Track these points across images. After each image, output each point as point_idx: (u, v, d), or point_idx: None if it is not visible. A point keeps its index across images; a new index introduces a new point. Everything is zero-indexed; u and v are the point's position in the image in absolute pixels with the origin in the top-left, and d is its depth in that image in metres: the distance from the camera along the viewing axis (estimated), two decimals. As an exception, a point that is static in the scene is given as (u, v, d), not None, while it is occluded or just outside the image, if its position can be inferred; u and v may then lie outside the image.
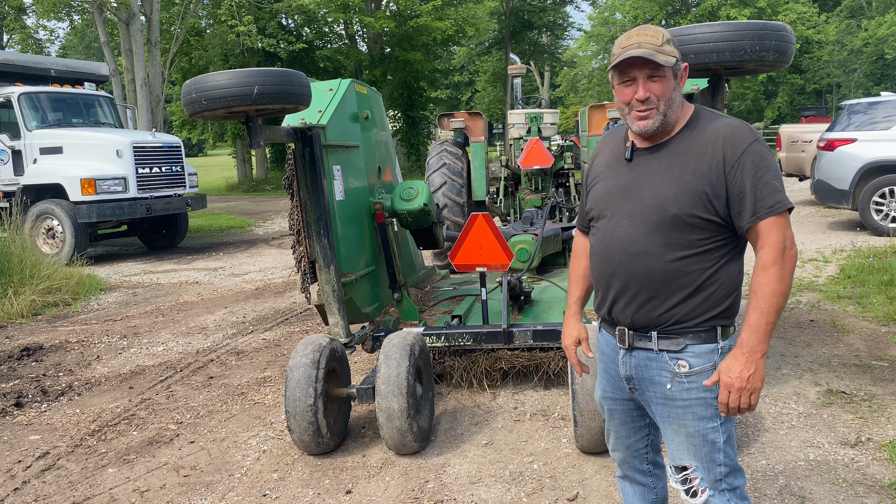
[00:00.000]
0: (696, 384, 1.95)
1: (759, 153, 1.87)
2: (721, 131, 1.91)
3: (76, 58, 33.63)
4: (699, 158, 1.90)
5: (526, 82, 43.03)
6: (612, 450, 2.33)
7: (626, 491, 2.37)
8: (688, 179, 1.90)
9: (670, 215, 1.90)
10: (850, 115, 10.19)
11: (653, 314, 1.97)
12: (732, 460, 2.01)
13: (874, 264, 7.33)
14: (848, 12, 36.95)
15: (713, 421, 1.96)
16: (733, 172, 1.87)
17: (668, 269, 1.93)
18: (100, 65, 14.01)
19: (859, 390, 4.21)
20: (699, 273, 1.92)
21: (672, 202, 1.90)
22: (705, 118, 1.98)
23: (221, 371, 5.28)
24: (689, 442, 1.99)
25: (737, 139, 1.88)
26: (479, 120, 7.95)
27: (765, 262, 1.85)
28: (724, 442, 1.98)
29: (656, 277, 1.94)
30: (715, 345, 1.95)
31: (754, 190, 1.85)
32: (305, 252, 4.02)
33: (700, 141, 1.92)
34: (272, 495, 3.33)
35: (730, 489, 2.01)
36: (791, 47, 2.96)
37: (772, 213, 1.84)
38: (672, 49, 1.92)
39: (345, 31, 29.16)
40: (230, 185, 28.48)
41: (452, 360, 4.53)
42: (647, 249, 1.94)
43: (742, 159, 1.86)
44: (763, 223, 1.85)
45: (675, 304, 1.94)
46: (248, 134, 3.38)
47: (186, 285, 8.83)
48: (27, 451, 3.98)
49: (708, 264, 1.92)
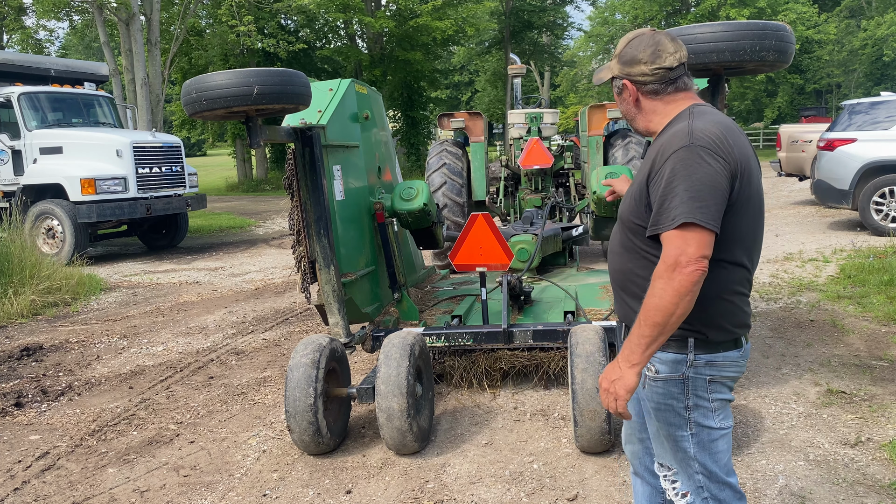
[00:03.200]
0: (664, 390, 1.95)
1: (682, 160, 1.78)
2: (665, 136, 1.88)
3: (76, 58, 33.65)
4: (644, 165, 1.95)
5: (526, 82, 43.05)
6: (626, 442, 2.33)
7: (636, 489, 2.38)
8: (633, 186, 1.98)
9: (621, 215, 2.02)
10: (850, 115, 10.19)
11: (625, 312, 2.05)
12: (712, 472, 1.97)
13: (874, 264, 7.33)
14: (848, 12, 36.95)
15: (682, 430, 1.95)
16: (655, 179, 1.83)
17: (624, 270, 2.02)
18: (100, 65, 14.01)
19: (859, 390, 4.21)
20: (647, 280, 1.85)
21: (623, 204, 2.02)
22: (676, 122, 1.93)
23: (221, 371, 5.28)
24: (666, 443, 2.01)
25: (668, 146, 1.83)
26: (479, 120, 7.96)
27: (654, 273, 1.78)
28: (696, 452, 1.96)
29: (620, 277, 2.05)
30: (684, 356, 1.91)
31: (662, 199, 1.78)
32: (305, 252, 4.02)
33: (654, 147, 1.92)
34: (272, 495, 3.33)
35: (713, 499, 1.98)
36: (791, 47, 2.96)
37: (671, 226, 1.75)
38: (613, 64, 2.00)
39: (345, 31, 29.16)
40: (230, 185, 28.49)
41: (452, 360, 4.54)
42: (615, 249, 2.06)
43: (664, 167, 1.80)
44: (663, 236, 1.78)
45: (635, 306, 1.94)
46: (248, 134, 3.38)
47: (186, 285, 8.83)
48: (27, 451, 3.98)
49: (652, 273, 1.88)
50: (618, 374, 1.83)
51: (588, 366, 3.42)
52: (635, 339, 1.80)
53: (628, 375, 1.81)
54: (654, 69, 1.95)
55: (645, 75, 1.96)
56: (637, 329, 1.80)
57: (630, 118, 2.07)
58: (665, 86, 1.97)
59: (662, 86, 1.97)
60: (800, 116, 29.48)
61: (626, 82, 1.99)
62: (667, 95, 1.98)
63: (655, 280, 1.77)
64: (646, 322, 1.77)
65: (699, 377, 1.92)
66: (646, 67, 1.95)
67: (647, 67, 1.95)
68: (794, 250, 8.82)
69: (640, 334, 1.79)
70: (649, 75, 1.95)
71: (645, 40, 1.97)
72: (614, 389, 1.83)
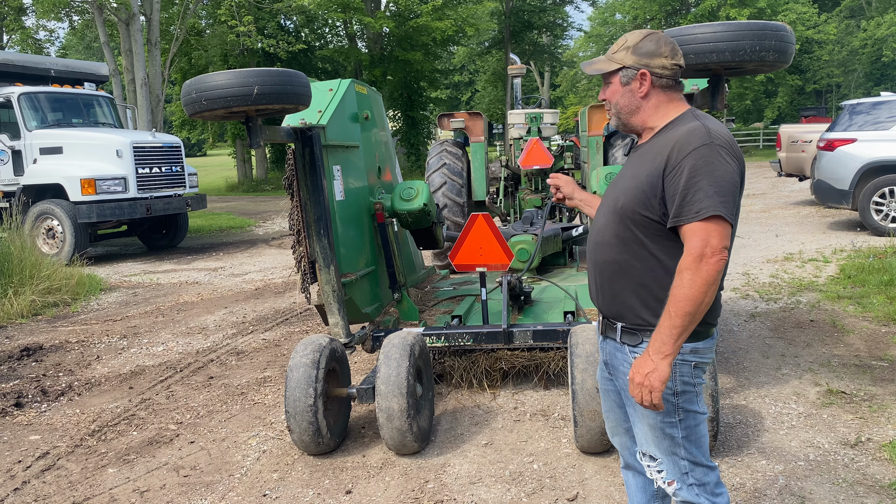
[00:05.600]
0: None
1: (703, 157, 1.87)
2: (678, 133, 1.96)
3: (76, 58, 33.65)
4: (654, 158, 1.98)
5: (526, 82, 43.04)
6: (612, 434, 2.36)
7: (629, 483, 2.41)
8: (641, 177, 1.99)
9: (619, 206, 2.03)
10: (850, 115, 10.20)
11: (612, 304, 2.08)
12: (697, 457, 2.05)
13: (874, 264, 7.33)
14: (847, 12, 36.97)
15: (670, 416, 2.02)
16: (672, 174, 1.90)
17: (618, 261, 2.03)
18: (100, 65, 14.01)
19: (859, 390, 4.21)
20: (647, 271, 1.98)
21: (622, 195, 2.03)
22: (683, 120, 2.01)
23: (221, 371, 5.28)
24: (651, 433, 2.06)
25: (686, 143, 1.91)
26: (479, 120, 7.95)
27: (680, 265, 1.86)
28: (683, 438, 2.03)
29: (610, 268, 2.06)
30: None
31: (685, 193, 1.87)
32: (305, 252, 4.02)
33: (662, 142, 1.99)
34: (272, 495, 3.33)
35: (698, 484, 2.06)
36: (791, 47, 2.96)
37: (696, 219, 1.84)
38: (624, 56, 2.04)
39: (344, 31, 29.17)
40: (230, 185, 28.49)
41: (452, 360, 4.53)
42: (606, 240, 2.07)
43: (683, 162, 1.88)
44: (686, 227, 1.87)
45: (628, 298, 2.03)
46: (248, 134, 3.38)
47: (186, 285, 8.83)
48: (27, 451, 3.98)
49: (654, 264, 1.98)
50: (651, 367, 1.88)
51: (588, 366, 3.42)
52: (666, 330, 1.86)
53: (662, 366, 1.87)
54: (673, 64, 2.04)
55: (665, 68, 2.04)
56: (667, 321, 1.85)
57: (629, 111, 2.10)
58: (675, 83, 2.08)
59: (674, 82, 2.07)
60: (800, 116, 29.50)
61: (646, 72, 2.04)
62: (672, 92, 2.08)
63: (682, 271, 1.85)
64: (676, 313, 1.84)
65: (685, 363, 2.01)
66: (666, 61, 2.03)
67: (667, 61, 2.03)
68: (794, 250, 8.82)
69: (671, 325, 1.85)
70: (668, 69, 2.04)
71: (662, 38, 2.07)
72: (649, 382, 1.88)
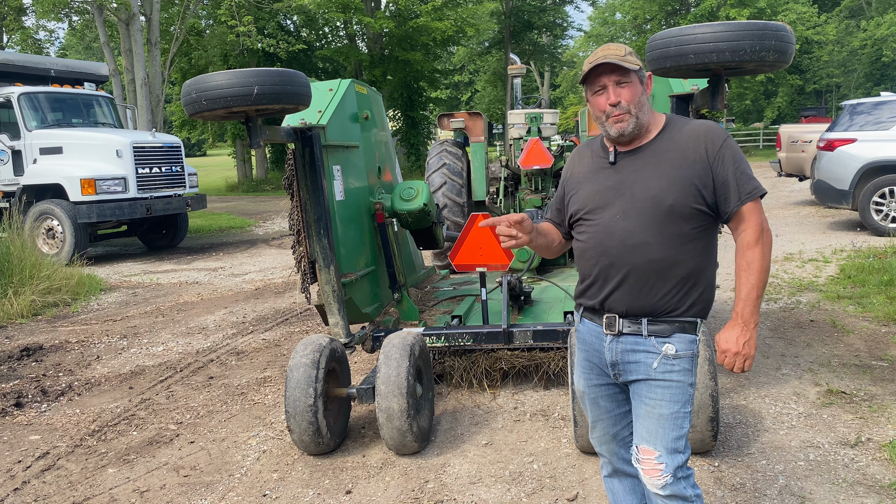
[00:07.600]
0: (679, 367, 2.10)
1: (732, 147, 2.11)
2: (699, 129, 2.13)
3: (76, 58, 33.64)
4: (683, 154, 2.10)
5: (526, 82, 43.03)
6: (599, 443, 2.38)
7: (615, 489, 2.42)
8: (676, 173, 2.08)
9: (666, 206, 2.07)
10: (850, 115, 10.19)
11: (649, 301, 2.11)
12: (687, 451, 2.14)
13: (874, 264, 7.33)
14: (847, 13, 36.97)
15: (686, 406, 2.11)
16: (717, 164, 2.08)
17: (665, 258, 2.08)
18: (100, 65, 14.01)
19: (859, 390, 4.21)
20: (690, 262, 2.09)
21: (666, 194, 2.07)
22: (679, 122, 2.19)
23: (221, 371, 5.28)
24: (659, 424, 2.10)
25: (714, 136, 2.10)
26: (479, 120, 7.95)
27: (749, 241, 2.07)
28: (688, 429, 2.14)
29: (654, 266, 2.09)
30: (695, 336, 2.14)
31: (736, 178, 2.07)
32: (305, 252, 4.02)
33: (680, 140, 2.12)
34: (272, 495, 3.33)
35: (685, 477, 2.12)
36: (791, 47, 2.95)
37: (751, 198, 2.07)
38: (635, 59, 2.13)
39: (344, 31, 29.16)
40: (230, 185, 28.48)
41: (452, 360, 4.53)
42: (646, 240, 2.09)
43: (721, 152, 2.08)
44: (745, 207, 2.07)
45: (668, 292, 2.10)
46: (248, 134, 3.38)
47: (186, 285, 8.83)
48: (27, 451, 3.98)
49: (696, 254, 2.10)
50: (747, 336, 2.06)
51: None
52: (752, 303, 2.05)
53: (755, 335, 2.07)
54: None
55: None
56: (755, 293, 2.05)
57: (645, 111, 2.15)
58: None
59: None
60: (800, 117, 29.51)
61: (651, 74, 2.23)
62: None
63: (752, 247, 2.06)
64: (758, 284, 2.06)
65: (696, 355, 2.15)
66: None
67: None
68: (794, 250, 8.82)
69: (757, 296, 2.05)
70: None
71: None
72: (746, 350, 2.06)
